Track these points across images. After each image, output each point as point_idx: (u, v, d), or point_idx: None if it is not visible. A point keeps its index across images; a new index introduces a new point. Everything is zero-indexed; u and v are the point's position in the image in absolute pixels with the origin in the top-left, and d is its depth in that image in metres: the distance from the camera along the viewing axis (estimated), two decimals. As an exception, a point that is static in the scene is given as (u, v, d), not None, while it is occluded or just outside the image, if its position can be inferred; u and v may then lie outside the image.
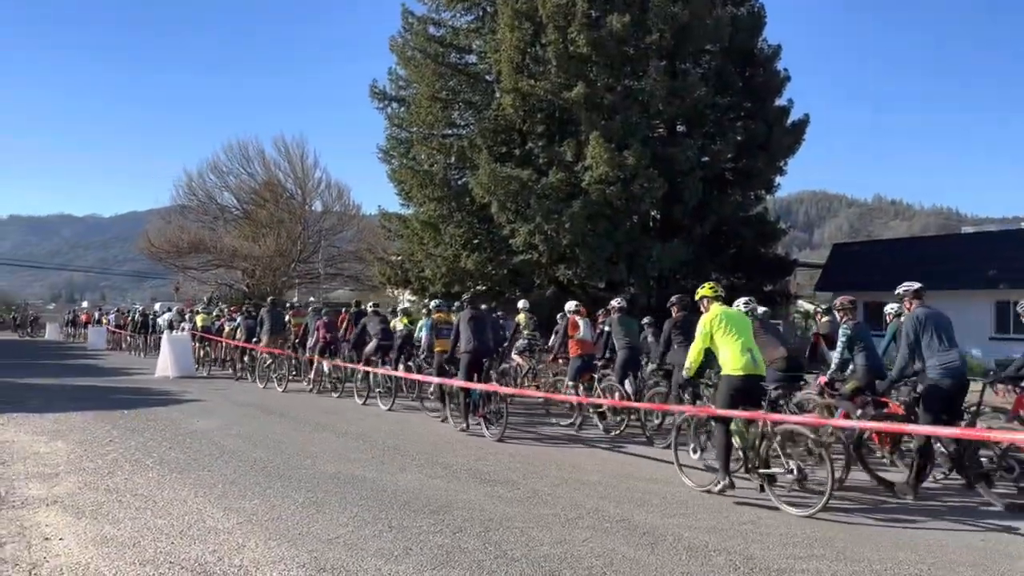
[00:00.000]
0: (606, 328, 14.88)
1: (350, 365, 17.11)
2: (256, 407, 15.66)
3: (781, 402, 10.40)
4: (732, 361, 8.65)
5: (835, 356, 10.42)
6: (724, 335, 8.74)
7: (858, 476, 9.46)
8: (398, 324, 17.71)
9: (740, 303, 11.11)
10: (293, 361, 19.53)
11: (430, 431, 13.07)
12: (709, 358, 9.06)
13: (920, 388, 9.03)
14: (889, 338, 11.12)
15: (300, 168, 55.02)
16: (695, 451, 10.27)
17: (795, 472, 8.27)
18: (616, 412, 13.32)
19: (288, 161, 55.06)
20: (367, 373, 16.18)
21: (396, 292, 39.99)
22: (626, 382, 13.51)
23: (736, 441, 8.77)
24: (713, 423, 8.89)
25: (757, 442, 8.60)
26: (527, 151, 28.51)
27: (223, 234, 54.00)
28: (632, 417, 13.13)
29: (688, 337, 10.78)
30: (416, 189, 29.80)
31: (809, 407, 10.71)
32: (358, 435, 12.46)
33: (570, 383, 13.83)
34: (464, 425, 13.13)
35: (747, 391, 8.64)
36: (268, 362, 19.58)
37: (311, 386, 18.30)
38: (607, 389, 13.44)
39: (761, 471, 8.57)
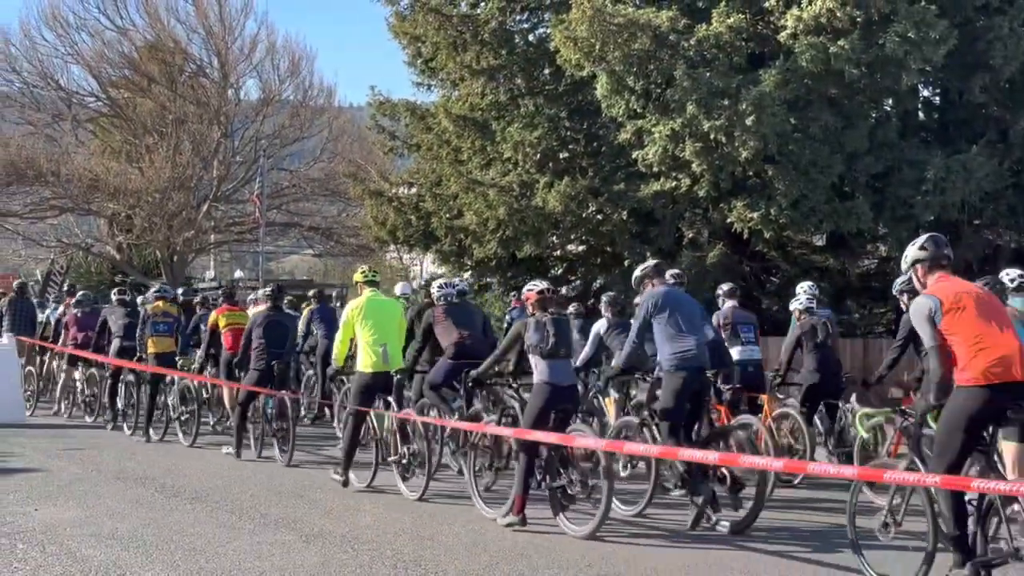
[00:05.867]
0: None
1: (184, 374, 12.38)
2: (144, 480, 9.78)
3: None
4: (363, 357, 8.77)
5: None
6: (361, 327, 8.71)
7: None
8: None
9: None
10: (41, 372, 15.83)
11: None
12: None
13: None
14: None
15: (218, 16, 30.89)
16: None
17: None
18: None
19: (194, 3, 31.00)
20: (115, 392, 13.18)
21: (405, 257, 22.87)
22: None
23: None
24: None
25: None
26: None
27: (72, 148, 30.68)
28: None
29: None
30: (447, 51, 16.49)
31: None
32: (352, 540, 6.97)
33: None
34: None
35: (377, 388, 8.83)
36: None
37: (58, 407, 14.70)
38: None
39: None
